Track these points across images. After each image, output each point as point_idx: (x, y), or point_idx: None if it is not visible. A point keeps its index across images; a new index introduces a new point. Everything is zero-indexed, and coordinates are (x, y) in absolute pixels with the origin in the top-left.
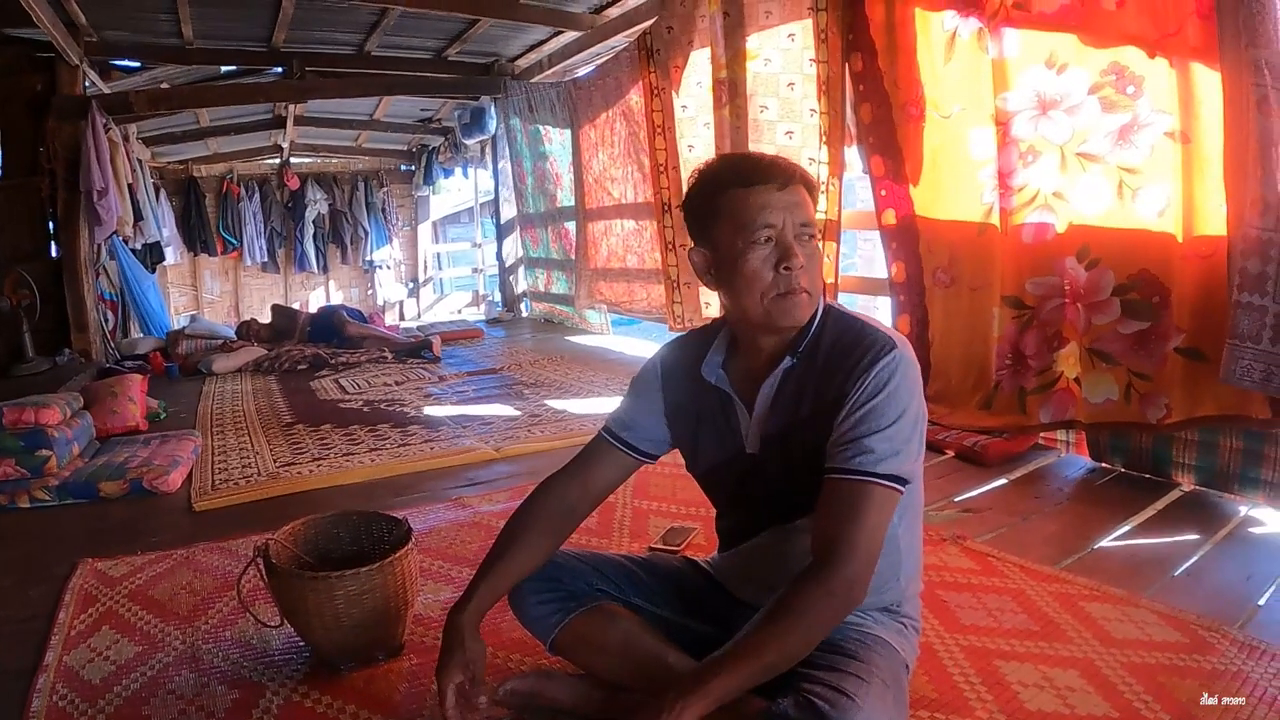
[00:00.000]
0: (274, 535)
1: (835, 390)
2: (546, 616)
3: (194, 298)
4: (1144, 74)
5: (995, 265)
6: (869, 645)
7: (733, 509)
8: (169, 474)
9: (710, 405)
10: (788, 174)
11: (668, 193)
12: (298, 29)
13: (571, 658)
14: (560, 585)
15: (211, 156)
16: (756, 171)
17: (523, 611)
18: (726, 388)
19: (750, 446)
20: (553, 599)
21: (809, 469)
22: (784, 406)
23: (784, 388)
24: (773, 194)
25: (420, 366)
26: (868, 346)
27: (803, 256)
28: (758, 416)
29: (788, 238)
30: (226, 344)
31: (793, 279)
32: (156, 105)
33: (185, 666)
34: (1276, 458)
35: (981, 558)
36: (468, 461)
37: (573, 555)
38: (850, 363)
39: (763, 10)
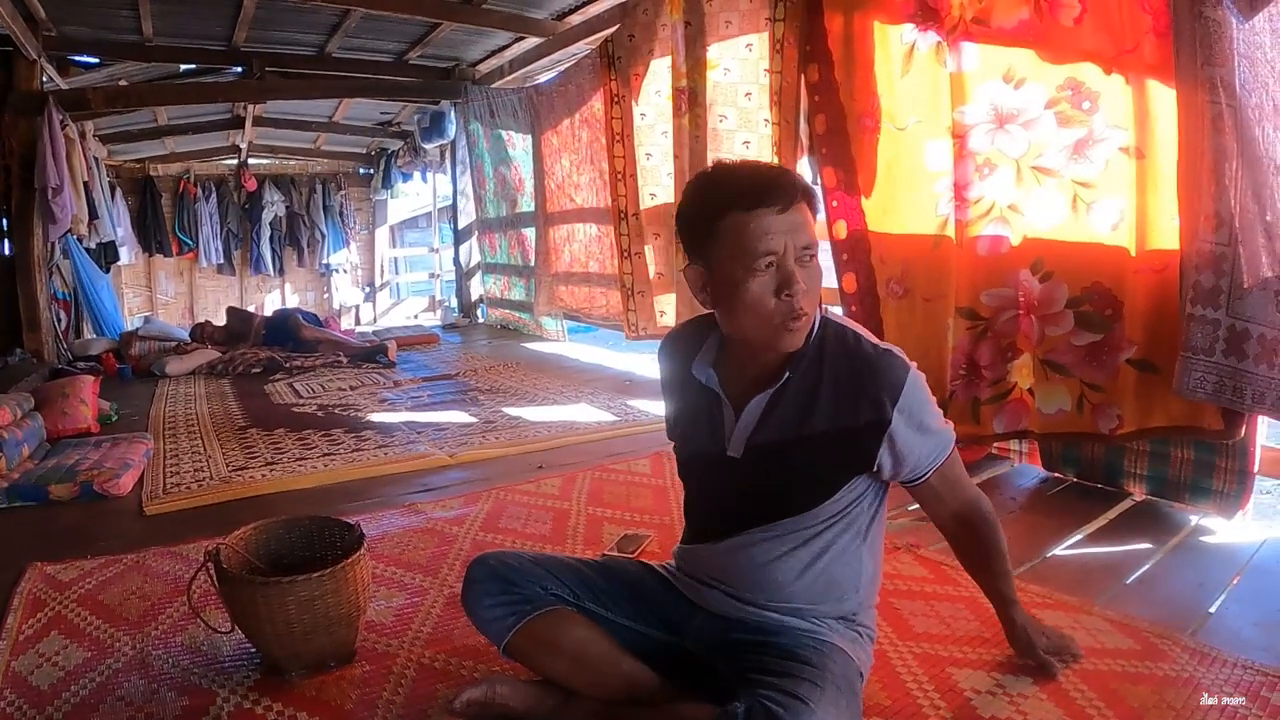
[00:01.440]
0: (225, 540)
1: (871, 415)
2: (500, 620)
3: (148, 299)
4: (1100, 90)
5: (950, 277)
6: (825, 652)
7: (701, 501)
8: (120, 477)
9: (699, 400)
10: (789, 193)
11: (625, 200)
12: (259, 29)
13: (525, 662)
14: (514, 589)
15: (169, 156)
16: (757, 193)
17: (476, 614)
18: (716, 388)
19: (732, 450)
20: (506, 602)
21: (804, 480)
22: (781, 420)
23: (780, 401)
24: (774, 218)
25: (375, 371)
26: (883, 370)
27: (804, 281)
28: (744, 424)
29: (789, 263)
30: (180, 346)
31: (794, 305)
32: (114, 102)
33: (135, 673)
34: (1227, 468)
35: (935, 565)
36: (422, 467)
37: (527, 559)
38: (877, 390)
39: (723, 20)
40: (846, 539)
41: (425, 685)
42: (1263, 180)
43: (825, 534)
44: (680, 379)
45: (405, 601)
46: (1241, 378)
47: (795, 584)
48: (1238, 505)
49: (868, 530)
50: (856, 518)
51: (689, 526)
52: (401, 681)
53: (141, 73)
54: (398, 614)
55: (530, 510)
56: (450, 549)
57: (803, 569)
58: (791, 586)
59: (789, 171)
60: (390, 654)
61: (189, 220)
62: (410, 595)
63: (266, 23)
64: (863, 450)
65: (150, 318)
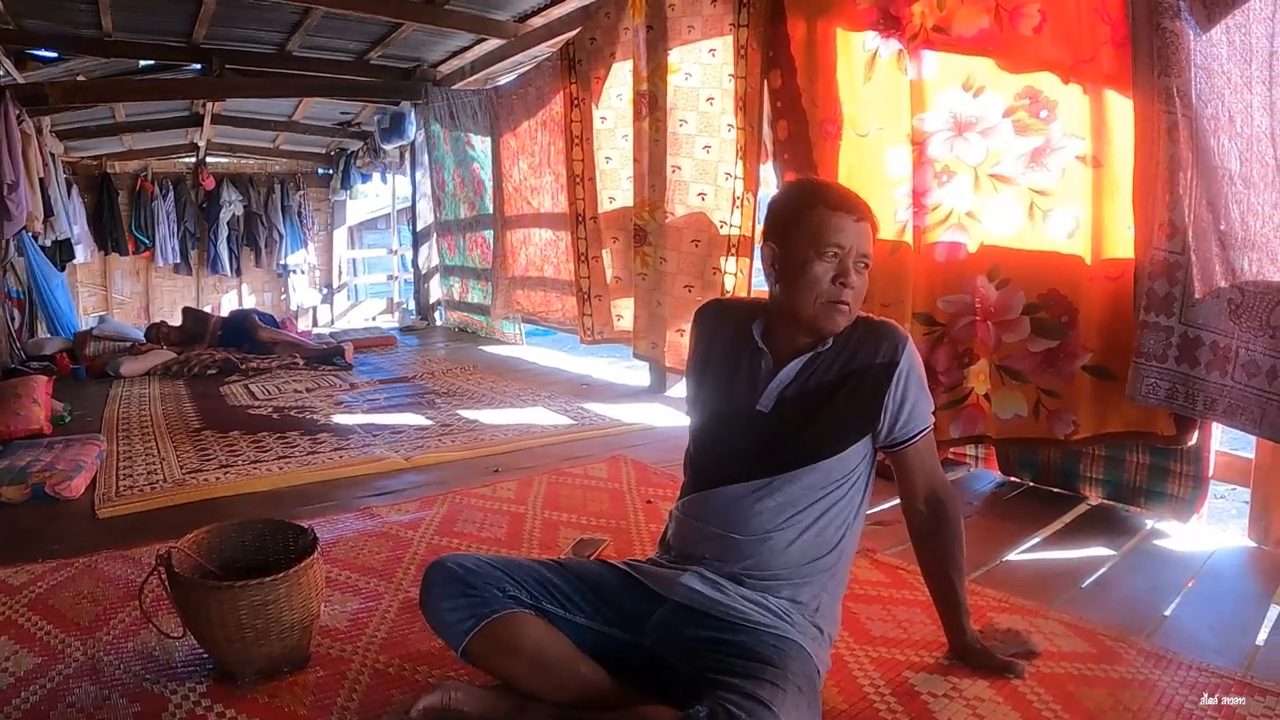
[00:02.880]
0: (177, 544)
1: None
2: (458, 623)
3: (104, 298)
4: (1058, 99)
5: (907, 283)
6: (785, 651)
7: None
8: (72, 479)
9: (742, 357)
10: (864, 212)
11: (583, 204)
12: (219, 25)
13: (483, 666)
14: (472, 591)
15: (126, 153)
16: (842, 200)
17: (434, 618)
18: (764, 346)
19: (763, 404)
20: (465, 605)
21: (822, 428)
22: (810, 376)
23: (812, 364)
24: (849, 222)
25: (332, 374)
26: (893, 327)
27: (855, 279)
28: (782, 379)
29: (848, 260)
30: (135, 346)
31: (844, 292)
32: (72, 98)
33: (86, 678)
34: (1181, 472)
35: (891, 570)
36: (377, 470)
37: (485, 561)
38: (885, 344)
39: (685, 25)
40: (843, 500)
41: (380, 691)
42: (1217, 190)
43: (830, 495)
44: (725, 338)
45: (360, 606)
46: (1194, 384)
47: (788, 550)
48: (1193, 509)
49: (860, 500)
50: (854, 485)
51: (695, 480)
52: (356, 687)
53: (100, 68)
54: (352, 619)
55: (486, 514)
56: (405, 553)
57: (800, 533)
58: (784, 553)
59: (857, 197)
60: (344, 659)
61: (146, 219)
62: (365, 600)
63: (227, 19)
64: (876, 391)
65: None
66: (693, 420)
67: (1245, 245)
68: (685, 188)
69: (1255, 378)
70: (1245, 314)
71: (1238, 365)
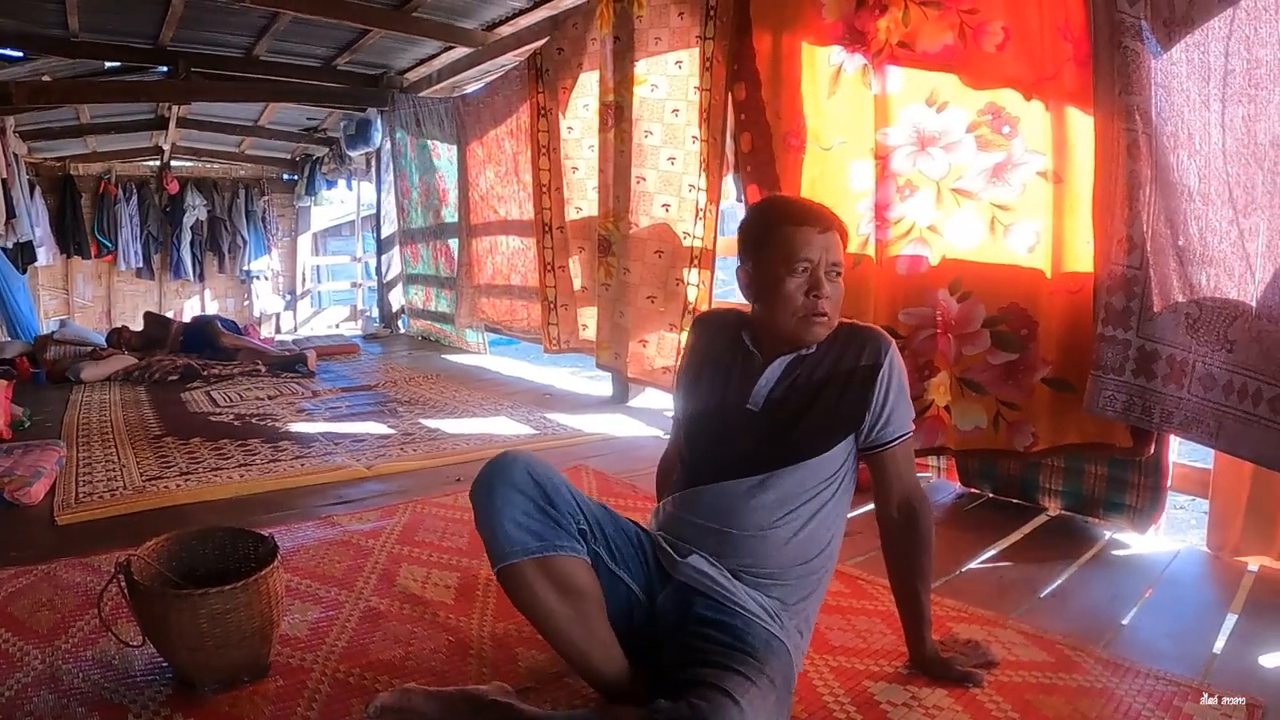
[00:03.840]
0: (137, 551)
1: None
2: (523, 540)
3: (65, 301)
4: (1020, 115)
5: (869, 296)
6: (772, 646)
7: (715, 451)
8: (31, 485)
9: (734, 360)
10: (828, 222)
11: (549, 213)
12: (186, 28)
13: (514, 592)
14: (553, 512)
15: (90, 155)
16: (805, 215)
17: (492, 519)
18: (757, 352)
19: (753, 404)
20: (540, 524)
21: (808, 427)
22: (797, 377)
23: (797, 365)
24: (814, 235)
25: (294, 381)
26: (877, 332)
27: (829, 289)
28: (768, 378)
29: (819, 271)
30: (96, 351)
31: (819, 305)
32: (37, 98)
33: (44, 687)
34: (1139, 484)
35: (851, 580)
36: (339, 479)
37: (561, 481)
38: (869, 347)
39: (653, 36)
40: (831, 500)
41: (340, 700)
42: (1176, 206)
43: (819, 495)
44: (719, 344)
45: (320, 615)
46: (1150, 397)
47: (780, 548)
48: (1150, 520)
49: (845, 500)
50: (840, 485)
51: (686, 476)
52: (316, 696)
53: (66, 69)
54: (312, 628)
55: (447, 523)
56: (366, 562)
57: (795, 531)
58: (780, 550)
59: (822, 208)
60: (305, 668)
61: (109, 222)
62: (325, 609)
63: (194, 22)
64: (861, 391)
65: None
66: (685, 421)
67: (1203, 261)
68: (650, 199)
69: (1211, 391)
70: (1202, 328)
71: (1194, 379)
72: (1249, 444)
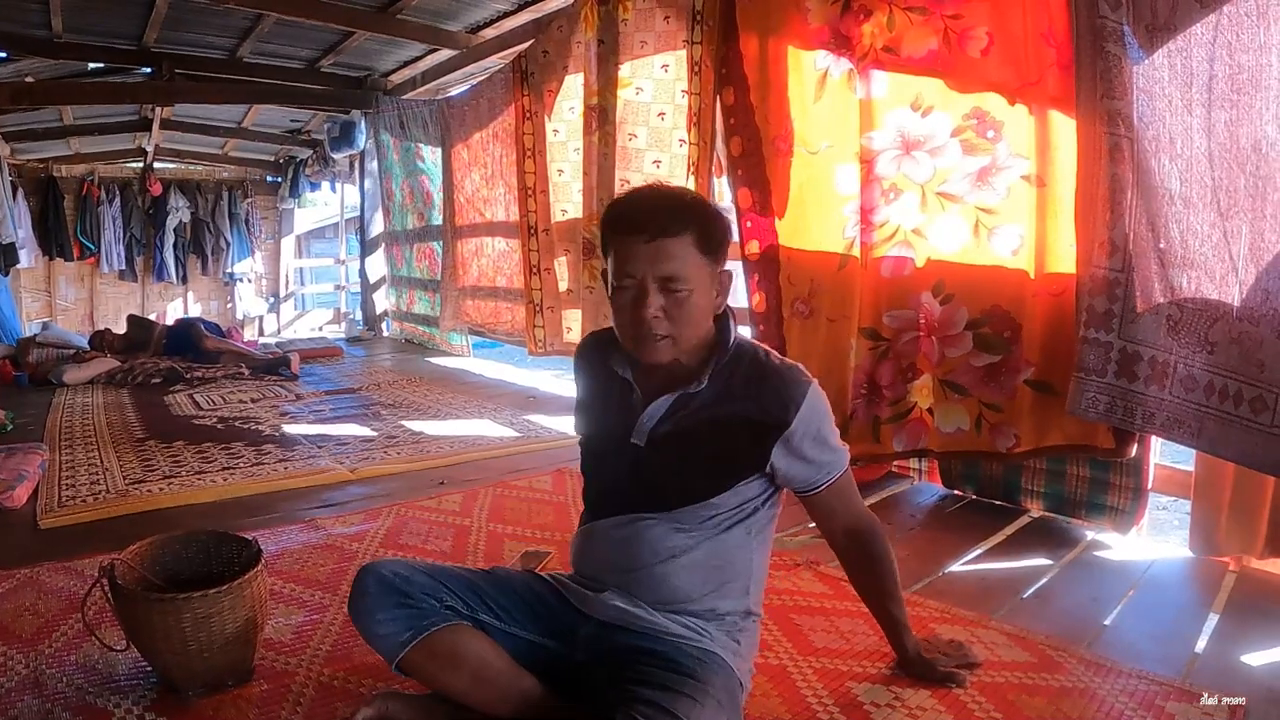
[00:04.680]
0: (120, 555)
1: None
2: (394, 635)
3: (47, 304)
4: (1004, 120)
5: (854, 298)
6: (707, 664)
7: (602, 486)
8: (14, 489)
9: (614, 391)
10: (662, 227)
11: (535, 216)
12: (170, 29)
13: (420, 678)
14: (409, 602)
15: (73, 156)
16: (630, 222)
17: (368, 628)
18: (631, 379)
19: (637, 438)
20: (402, 616)
21: (700, 471)
22: (685, 414)
23: (688, 402)
24: (639, 246)
25: (278, 384)
26: (789, 380)
27: (657, 306)
28: (650, 415)
29: (646, 285)
30: (79, 354)
31: (644, 324)
32: (19, 99)
33: (28, 692)
34: (1121, 485)
35: (834, 581)
36: (322, 482)
37: (419, 569)
38: (775, 400)
39: (638, 40)
40: (740, 531)
41: (324, 704)
42: (1157, 209)
43: (723, 529)
44: (597, 373)
45: (304, 619)
46: (1132, 398)
47: (691, 582)
48: (1133, 521)
49: (762, 527)
50: (749, 518)
51: (587, 511)
52: (300, 700)
53: (49, 70)
54: (296, 632)
55: (431, 527)
56: (350, 565)
57: (702, 567)
58: (687, 586)
59: (680, 208)
60: (289, 672)
61: (91, 224)
62: (310, 612)
63: (178, 24)
64: (759, 447)
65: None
66: (581, 452)
67: (1184, 263)
68: None
69: (1193, 392)
70: (1183, 330)
71: (1176, 380)
72: (1230, 444)
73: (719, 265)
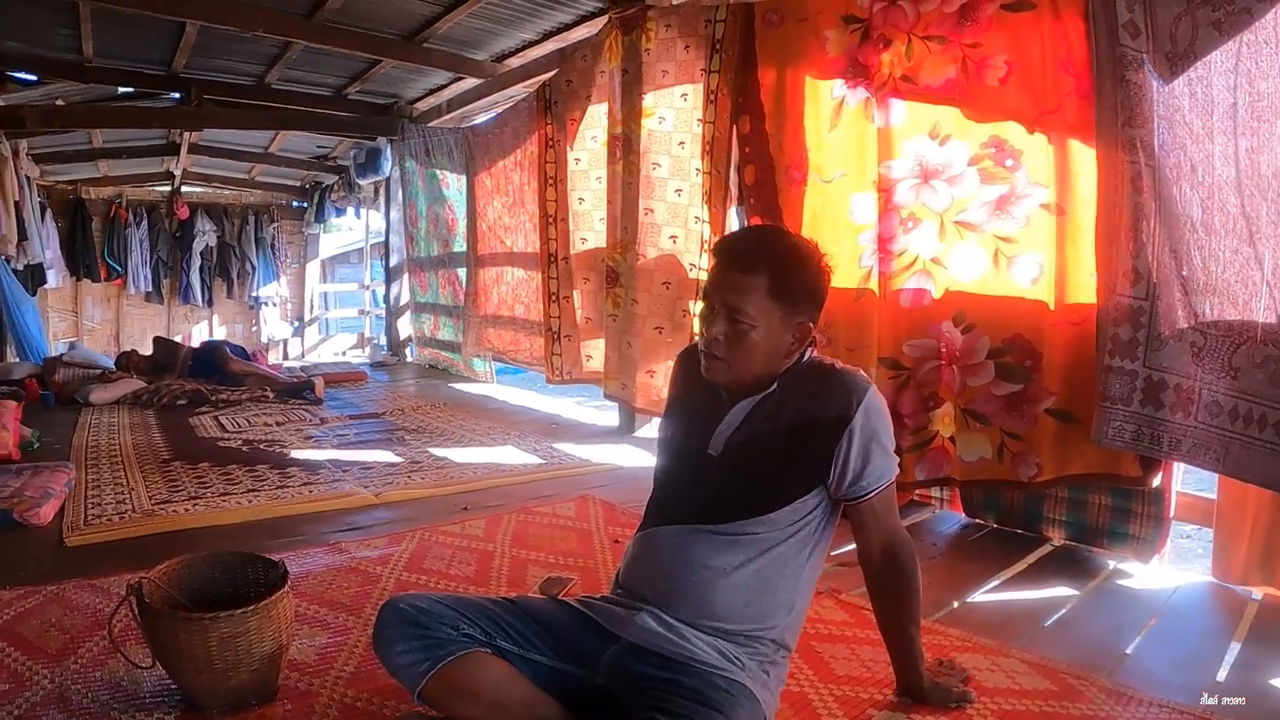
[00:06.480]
0: (148, 574)
1: (835, 412)
2: (413, 665)
3: (74, 324)
4: (1023, 148)
5: (872, 327)
6: (734, 696)
7: (673, 495)
8: (41, 506)
9: (704, 401)
10: (743, 263)
11: (555, 244)
12: (199, 55)
13: (440, 708)
14: (426, 633)
15: (101, 179)
16: (722, 251)
17: (389, 660)
18: (722, 390)
19: (713, 449)
20: (419, 647)
21: (764, 481)
22: (758, 421)
23: (760, 408)
24: (719, 273)
25: (302, 407)
26: (852, 379)
27: (718, 329)
28: (729, 422)
29: (716, 309)
30: (105, 374)
31: (707, 340)
32: (50, 122)
33: (54, 707)
34: (1144, 513)
35: (856, 610)
36: (346, 506)
37: (437, 600)
38: (838, 397)
39: (660, 69)
40: (792, 553)
41: None
42: (1179, 237)
43: (777, 548)
44: (692, 378)
45: (328, 640)
46: (1159, 426)
47: (735, 600)
48: (1154, 549)
49: (811, 553)
50: (805, 537)
51: (647, 519)
52: None
53: (79, 93)
54: (320, 653)
55: (455, 551)
56: (374, 588)
57: (748, 587)
58: (730, 603)
59: (762, 252)
60: (313, 693)
61: (119, 246)
62: (333, 634)
63: (207, 50)
64: (823, 448)
65: (75, 343)
66: (657, 460)
67: (1207, 290)
68: (657, 230)
69: (1218, 417)
70: (1208, 356)
71: (1201, 406)
72: (1255, 469)
73: (796, 314)
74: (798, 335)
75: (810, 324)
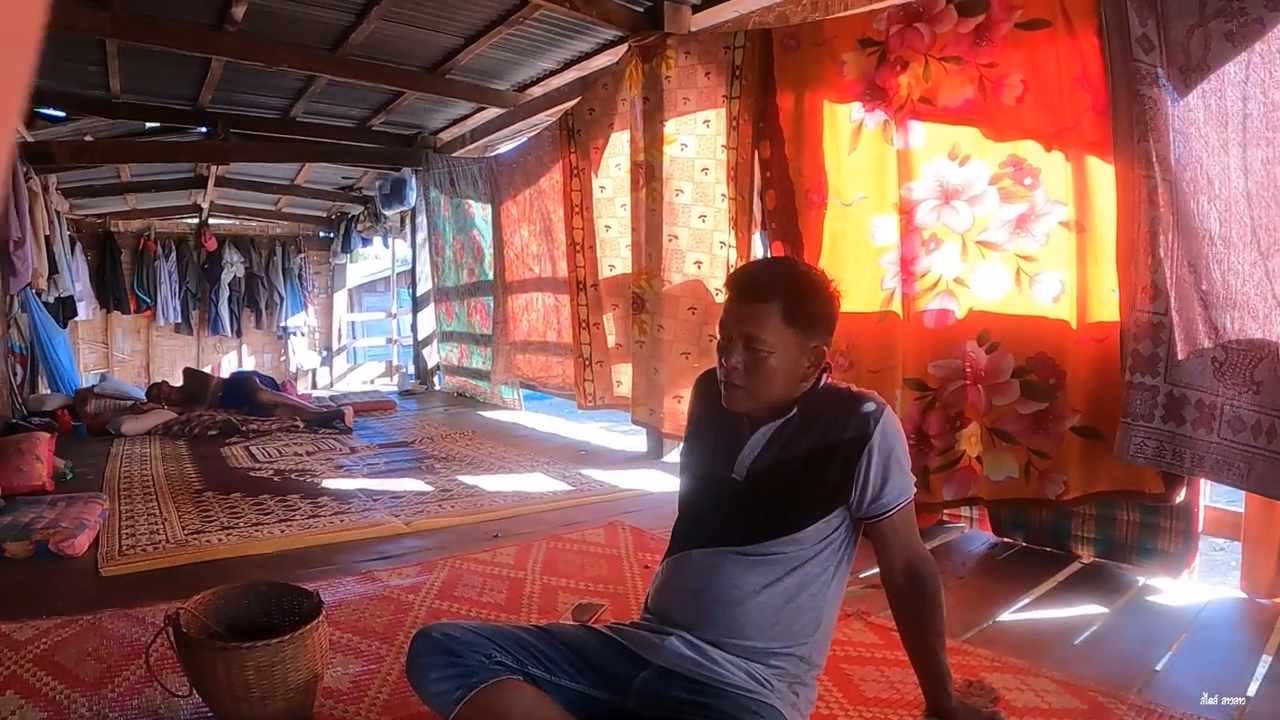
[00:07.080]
0: (185, 604)
1: (854, 432)
2: (447, 693)
3: (104, 355)
4: (1041, 166)
5: (896, 349)
6: (765, 718)
7: (697, 519)
8: (76, 537)
9: (725, 427)
10: (755, 293)
11: (583, 271)
12: (225, 90)
13: None
14: (458, 660)
15: (130, 212)
16: (736, 283)
17: (422, 689)
18: (743, 415)
19: (736, 473)
20: (452, 675)
21: (790, 503)
22: (779, 446)
23: (784, 432)
24: (734, 304)
25: (332, 437)
26: (867, 400)
27: (736, 359)
28: (751, 448)
29: (733, 339)
30: (136, 405)
31: (725, 371)
32: (78, 157)
33: None
34: (1171, 529)
35: (884, 632)
36: (378, 535)
37: (469, 629)
38: (856, 419)
39: (681, 96)
40: (817, 572)
41: None
42: (1198, 251)
43: (803, 567)
44: (710, 405)
45: (362, 669)
46: (1181, 442)
47: (763, 619)
48: (1183, 564)
49: (836, 571)
50: (829, 556)
51: (674, 544)
52: None
53: (107, 128)
54: (355, 681)
55: (486, 579)
56: (407, 616)
57: (776, 606)
58: (759, 623)
59: (774, 280)
60: None
61: (148, 278)
62: (367, 662)
63: (232, 84)
64: (845, 468)
65: (106, 375)
66: (680, 485)
67: (1227, 304)
68: (682, 256)
69: (1241, 433)
70: (1229, 371)
71: (1223, 421)
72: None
73: (811, 339)
74: (813, 359)
75: (824, 347)
